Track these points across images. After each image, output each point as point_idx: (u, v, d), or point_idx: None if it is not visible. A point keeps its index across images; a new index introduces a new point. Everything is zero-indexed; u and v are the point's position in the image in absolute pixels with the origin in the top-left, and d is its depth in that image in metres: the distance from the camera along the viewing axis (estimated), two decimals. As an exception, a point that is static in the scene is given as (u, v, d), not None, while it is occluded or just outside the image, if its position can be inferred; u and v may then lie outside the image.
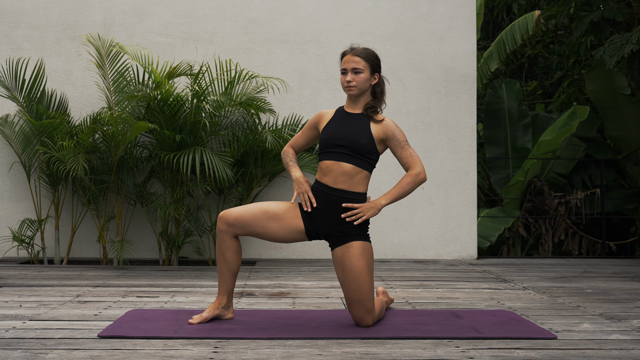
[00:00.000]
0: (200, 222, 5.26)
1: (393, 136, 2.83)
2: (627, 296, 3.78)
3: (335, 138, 2.82)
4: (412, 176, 2.81)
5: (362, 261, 2.76)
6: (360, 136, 2.80)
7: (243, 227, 2.79)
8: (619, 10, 7.40)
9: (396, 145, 2.83)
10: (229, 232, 2.80)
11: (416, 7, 5.89)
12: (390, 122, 2.87)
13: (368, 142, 2.80)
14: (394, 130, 2.84)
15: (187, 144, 5.01)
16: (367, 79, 2.85)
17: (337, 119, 2.89)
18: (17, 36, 5.61)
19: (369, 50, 2.88)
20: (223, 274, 2.86)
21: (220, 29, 5.75)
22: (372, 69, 2.86)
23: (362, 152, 2.78)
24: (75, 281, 4.16)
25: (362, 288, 2.74)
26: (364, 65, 2.83)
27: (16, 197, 5.53)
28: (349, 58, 2.85)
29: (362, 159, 2.79)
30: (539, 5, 10.06)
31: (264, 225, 2.79)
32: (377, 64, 2.88)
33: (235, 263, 2.85)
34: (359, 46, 2.91)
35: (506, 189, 8.61)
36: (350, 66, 2.83)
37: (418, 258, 5.80)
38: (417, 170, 2.82)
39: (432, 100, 5.87)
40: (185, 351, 2.37)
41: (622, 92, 8.70)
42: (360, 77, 2.83)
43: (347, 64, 2.85)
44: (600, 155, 9.14)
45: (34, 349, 2.37)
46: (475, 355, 2.36)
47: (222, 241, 2.82)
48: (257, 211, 2.80)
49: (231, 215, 2.79)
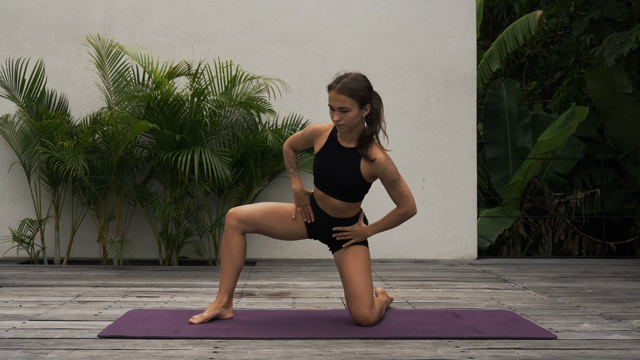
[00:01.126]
0: (200, 222, 5.26)
1: (383, 176, 2.77)
2: (627, 296, 3.78)
3: (325, 175, 2.81)
4: (399, 215, 2.82)
5: (359, 260, 2.86)
6: (349, 179, 2.77)
7: (252, 225, 2.87)
8: (618, 9, 7.39)
9: (386, 184, 2.79)
10: (239, 229, 2.85)
11: (416, 7, 5.89)
12: (382, 162, 2.74)
13: (357, 183, 2.78)
14: (384, 171, 2.74)
15: (187, 144, 5.01)
16: (356, 115, 2.69)
17: (329, 151, 2.81)
18: (17, 36, 5.61)
19: (356, 83, 2.67)
20: (227, 271, 2.87)
21: (220, 29, 5.75)
22: (360, 104, 2.68)
23: (350, 193, 2.81)
24: (75, 281, 4.16)
25: (358, 283, 2.81)
26: (350, 103, 2.65)
27: (16, 197, 5.53)
28: (334, 95, 2.66)
29: (352, 196, 2.83)
30: (539, 5, 10.05)
31: (272, 225, 2.90)
32: (365, 96, 2.69)
33: (241, 260, 2.88)
34: (347, 76, 2.69)
35: (505, 188, 8.61)
36: (337, 105, 2.66)
37: (418, 258, 5.80)
38: (405, 210, 2.81)
39: (432, 100, 5.87)
40: (185, 351, 2.37)
41: (622, 91, 8.70)
42: (349, 115, 2.67)
43: (333, 101, 2.67)
44: (600, 155, 9.14)
45: (34, 349, 2.37)
46: (475, 355, 2.36)
47: (230, 237, 2.86)
48: (267, 210, 2.89)
49: (242, 212, 2.85)
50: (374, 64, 5.84)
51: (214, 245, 5.37)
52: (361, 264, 2.85)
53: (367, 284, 2.82)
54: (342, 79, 2.69)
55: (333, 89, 2.68)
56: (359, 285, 2.81)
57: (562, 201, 8.74)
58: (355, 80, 2.69)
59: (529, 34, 8.00)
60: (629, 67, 7.11)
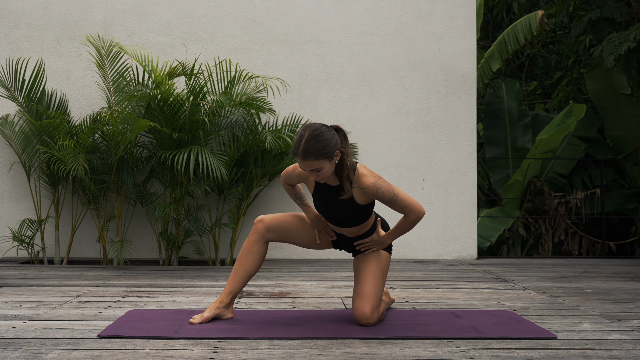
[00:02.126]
0: (200, 222, 5.26)
1: (377, 197, 2.76)
2: (627, 296, 3.78)
3: (328, 215, 2.87)
4: (408, 222, 2.82)
5: (378, 264, 2.90)
6: (349, 212, 2.80)
7: (280, 234, 2.91)
8: (617, 9, 7.39)
9: (385, 203, 2.78)
10: (265, 237, 2.88)
11: (416, 7, 5.89)
12: (371, 187, 2.70)
13: (358, 212, 2.81)
14: (377, 194, 2.72)
15: (186, 143, 5.01)
16: (329, 168, 2.64)
17: (322, 193, 2.82)
18: (17, 36, 5.61)
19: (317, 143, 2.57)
20: (238, 274, 2.88)
21: (220, 29, 5.75)
22: (329, 158, 2.61)
23: (357, 219, 2.85)
24: (75, 281, 4.16)
25: (369, 283, 2.84)
26: (320, 163, 2.60)
27: (16, 197, 5.53)
28: (301, 163, 2.61)
29: (359, 220, 2.86)
30: (538, 5, 10.06)
31: (298, 236, 2.95)
32: (329, 151, 2.59)
33: (256, 267, 2.90)
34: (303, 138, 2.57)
35: (505, 188, 8.61)
36: (308, 169, 2.63)
37: (418, 258, 5.80)
38: (412, 218, 2.80)
39: (432, 100, 5.87)
40: (185, 351, 2.37)
41: (622, 91, 8.70)
42: (323, 172, 2.64)
43: (303, 166, 2.63)
44: (600, 155, 9.14)
45: (34, 349, 2.37)
46: (475, 355, 2.36)
47: (254, 242, 2.88)
48: (294, 222, 2.93)
49: (272, 221, 2.89)
50: (374, 64, 5.84)
51: (214, 245, 5.37)
52: (378, 268, 2.88)
53: (377, 287, 2.85)
54: (300, 145, 2.58)
55: (297, 156, 2.60)
56: (370, 285, 2.84)
57: (562, 201, 8.74)
58: (313, 140, 2.58)
59: (530, 33, 7.99)
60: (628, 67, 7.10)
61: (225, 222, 5.46)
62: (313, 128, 2.61)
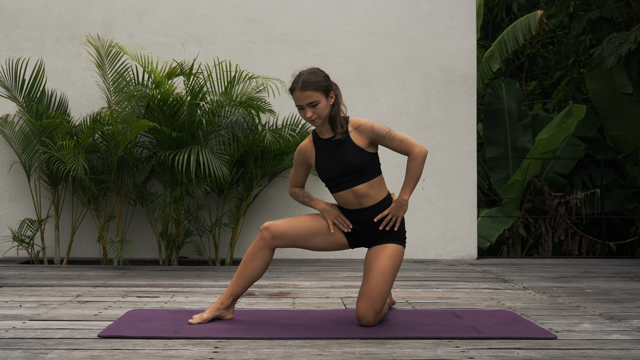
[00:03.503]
0: (200, 222, 5.26)
1: (375, 135, 2.81)
2: (627, 296, 3.78)
3: (332, 173, 2.83)
4: (415, 159, 2.81)
5: (389, 262, 2.82)
6: (352, 158, 2.79)
7: (287, 241, 2.86)
8: (617, 9, 7.39)
9: (383, 141, 2.81)
10: (271, 245, 2.84)
11: (416, 7, 5.89)
12: (366, 124, 2.81)
13: (362, 157, 2.79)
14: (373, 130, 2.80)
15: (185, 143, 5.01)
16: (325, 105, 2.76)
17: (323, 152, 2.86)
18: (17, 36, 5.61)
19: (315, 76, 2.75)
20: (241, 277, 2.86)
21: (220, 29, 5.75)
22: (325, 93, 2.76)
23: (362, 169, 2.80)
24: (75, 281, 4.16)
25: (379, 287, 2.79)
26: (317, 96, 2.73)
27: (16, 197, 5.53)
28: (299, 95, 2.73)
29: (367, 173, 2.82)
30: (538, 5, 10.06)
31: (307, 240, 2.88)
32: (327, 85, 2.76)
33: (260, 272, 2.88)
34: (303, 73, 2.76)
35: (505, 188, 8.61)
36: (305, 102, 2.73)
37: (418, 258, 5.80)
38: (416, 151, 2.80)
39: (432, 100, 5.87)
40: (185, 351, 2.37)
41: (622, 91, 8.69)
42: (319, 108, 2.74)
43: (301, 100, 2.74)
44: (600, 155, 9.14)
45: (34, 349, 2.37)
46: (475, 355, 2.36)
47: (260, 249, 2.85)
48: (301, 228, 2.86)
49: (277, 229, 2.83)
50: (374, 64, 5.84)
51: (214, 245, 5.37)
52: (389, 266, 2.81)
53: (385, 290, 2.80)
54: (300, 77, 2.75)
55: (296, 89, 2.74)
56: (379, 289, 2.78)
57: (562, 201, 8.74)
58: (313, 74, 2.75)
59: (529, 33, 7.99)
60: (629, 67, 7.10)
61: (225, 222, 5.46)
62: (311, 67, 2.81)
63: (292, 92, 2.76)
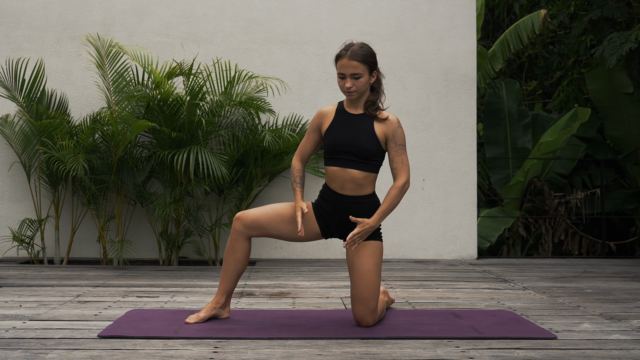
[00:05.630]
0: (200, 222, 5.26)
1: (393, 137, 2.80)
2: (627, 296, 3.78)
3: (340, 144, 2.78)
4: (398, 188, 2.80)
5: (372, 260, 2.80)
6: (365, 141, 2.77)
7: (259, 230, 2.84)
8: (618, 9, 7.39)
9: (392, 147, 2.81)
10: (245, 234, 2.84)
11: (416, 7, 5.89)
12: (395, 120, 2.82)
13: (373, 145, 2.78)
14: (396, 131, 2.80)
15: (185, 143, 5.01)
16: (366, 81, 2.78)
17: (340, 122, 2.83)
18: (17, 36, 5.61)
19: (365, 50, 2.76)
20: (227, 273, 2.86)
21: (220, 29, 5.75)
22: (370, 70, 2.79)
23: (368, 157, 2.78)
24: (75, 281, 4.16)
25: (368, 286, 2.77)
26: (362, 69, 2.75)
27: (16, 197, 5.53)
28: (345, 63, 2.73)
29: (368, 163, 2.79)
30: (539, 5, 10.06)
31: (279, 227, 2.85)
32: (374, 62, 2.80)
33: (243, 264, 2.87)
34: (353, 45, 2.77)
35: (506, 189, 8.61)
36: (349, 72, 2.74)
37: (418, 258, 5.80)
38: (403, 180, 2.81)
39: (432, 100, 5.87)
40: (185, 351, 2.37)
41: (622, 91, 8.69)
42: (360, 81, 2.76)
43: (345, 69, 2.74)
44: (600, 155, 9.14)
45: (34, 349, 2.37)
46: (475, 355, 2.36)
47: (235, 241, 2.84)
48: (273, 214, 2.84)
49: (248, 217, 2.82)
50: (374, 64, 5.83)
51: (214, 245, 5.37)
52: (373, 265, 2.79)
53: (375, 288, 2.79)
54: (350, 47, 2.76)
55: (344, 57, 2.74)
56: (369, 288, 2.77)
57: (562, 201, 8.73)
58: (363, 48, 2.77)
59: (532, 33, 7.98)
60: (629, 67, 7.10)
61: (225, 222, 5.46)
62: (362, 42, 2.83)
63: (337, 59, 2.77)
